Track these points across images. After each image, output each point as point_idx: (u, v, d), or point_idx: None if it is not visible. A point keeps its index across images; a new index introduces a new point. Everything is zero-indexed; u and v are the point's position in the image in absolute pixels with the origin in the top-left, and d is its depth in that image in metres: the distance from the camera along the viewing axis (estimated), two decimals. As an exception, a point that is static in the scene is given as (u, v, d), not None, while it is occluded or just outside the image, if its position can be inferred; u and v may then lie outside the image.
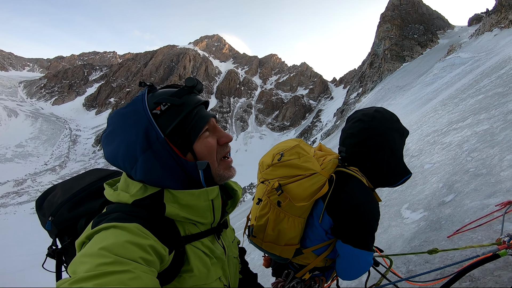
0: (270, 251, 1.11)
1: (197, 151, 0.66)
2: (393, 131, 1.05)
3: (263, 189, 1.08)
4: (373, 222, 1.00)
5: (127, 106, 0.64)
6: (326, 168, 1.02)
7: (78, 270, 0.45)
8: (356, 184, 1.01)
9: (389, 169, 1.07)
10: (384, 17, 47.56)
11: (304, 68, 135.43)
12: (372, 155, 1.05)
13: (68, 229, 0.77)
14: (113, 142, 0.63)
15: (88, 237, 0.54)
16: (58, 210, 0.77)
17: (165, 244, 0.57)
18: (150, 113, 0.61)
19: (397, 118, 1.10)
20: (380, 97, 28.24)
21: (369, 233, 1.00)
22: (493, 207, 1.93)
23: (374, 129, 1.04)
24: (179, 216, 0.62)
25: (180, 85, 0.70)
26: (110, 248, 0.47)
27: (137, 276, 0.45)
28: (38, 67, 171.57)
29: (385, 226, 2.82)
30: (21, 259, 18.15)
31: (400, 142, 1.09)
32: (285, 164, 1.04)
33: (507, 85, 5.59)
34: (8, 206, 45.67)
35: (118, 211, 0.59)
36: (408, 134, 1.13)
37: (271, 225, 1.04)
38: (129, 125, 0.61)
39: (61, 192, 0.82)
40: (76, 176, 0.90)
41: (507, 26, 21.37)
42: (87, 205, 0.77)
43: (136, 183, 0.64)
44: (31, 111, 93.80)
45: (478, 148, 3.26)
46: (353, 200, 0.97)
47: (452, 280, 1.05)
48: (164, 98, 0.63)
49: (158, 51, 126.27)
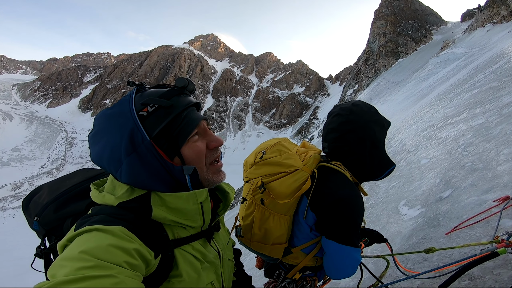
0: (259, 251, 1.10)
1: (185, 155, 0.64)
2: (373, 123, 1.05)
3: (248, 188, 1.09)
4: (356, 217, 0.97)
5: (113, 106, 0.62)
6: (308, 163, 1.01)
7: (57, 274, 0.43)
8: (339, 178, 1.00)
9: (372, 162, 1.06)
10: (378, 14, 47.74)
11: (300, 66, 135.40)
12: (353, 149, 1.04)
13: (55, 229, 0.75)
14: (99, 144, 0.61)
15: (70, 239, 0.52)
16: (44, 211, 0.75)
17: (151, 248, 0.55)
18: (137, 115, 0.59)
19: (375, 110, 1.09)
20: (376, 93, 28.36)
21: (353, 228, 0.97)
22: (490, 203, 1.91)
23: (353, 123, 1.03)
24: (167, 219, 0.61)
25: (171, 85, 0.67)
26: (92, 252, 0.46)
27: (121, 281, 0.44)
28: (31, 69, 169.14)
29: (383, 223, 2.79)
30: (21, 263, 17.97)
31: (381, 133, 1.07)
32: (267, 162, 1.04)
33: (501, 80, 5.60)
34: (6, 209, 45.35)
35: (102, 214, 0.57)
36: (389, 125, 1.11)
37: (257, 224, 1.04)
38: (114, 127, 0.59)
39: (47, 192, 0.80)
40: (64, 176, 0.88)
41: (500, 21, 21.54)
42: (73, 206, 0.75)
43: (123, 185, 0.62)
44: (26, 114, 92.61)
45: (474, 143, 3.25)
46: (336, 194, 0.95)
47: (451, 280, 1.02)
48: (151, 99, 0.61)
49: (153, 52, 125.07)
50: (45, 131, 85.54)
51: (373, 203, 3.57)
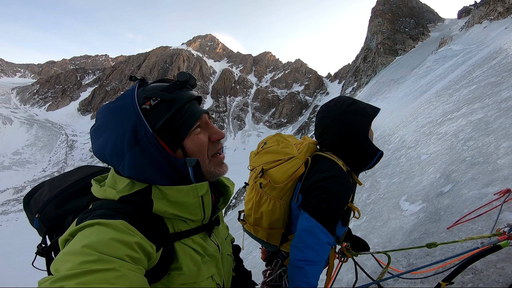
0: (257, 236, 1.17)
1: (188, 147, 0.64)
2: (349, 113, 1.12)
3: (251, 175, 1.20)
4: (334, 196, 1.00)
5: (116, 100, 0.62)
6: (302, 151, 1.11)
7: (60, 268, 0.43)
8: (327, 163, 1.07)
9: (357, 150, 1.12)
10: (375, 12, 47.71)
11: (298, 65, 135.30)
12: (335, 140, 1.13)
13: (56, 226, 0.75)
14: (101, 137, 0.61)
15: (72, 234, 0.52)
16: (45, 208, 0.75)
17: (152, 241, 0.55)
18: (139, 108, 0.60)
19: (353, 101, 1.15)
20: (375, 90, 28.35)
21: (328, 207, 0.99)
22: (491, 196, 1.91)
23: (329, 117, 1.14)
24: (168, 212, 0.61)
25: (173, 80, 0.68)
26: (94, 246, 0.46)
27: (123, 275, 0.44)
28: (29, 72, 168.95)
29: (384, 219, 2.79)
30: (27, 265, 18.05)
31: (362, 122, 1.12)
32: (267, 151, 1.17)
33: (499, 75, 5.60)
34: (9, 213, 45.46)
35: (104, 208, 0.57)
36: (376, 112, 1.16)
37: (255, 208, 1.12)
38: (117, 121, 0.59)
39: (48, 189, 0.80)
40: (65, 173, 0.88)
41: (497, 18, 21.51)
42: (74, 202, 0.75)
43: (124, 179, 0.62)
44: (25, 118, 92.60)
45: (474, 137, 3.25)
46: (320, 175, 1.04)
47: (453, 274, 1.02)
48: (154, 93, 0.61)
49: (151, 53, 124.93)
50: (45, 134, 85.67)
51: (374, 199, 3.57)
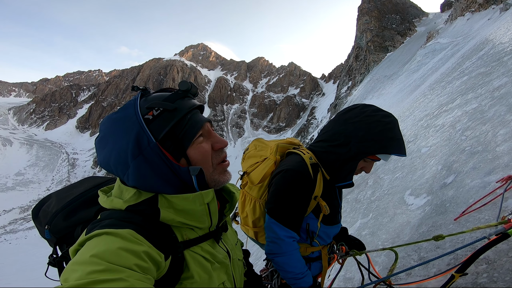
0: (249, 235, 1.23)
1: (191, 156, 0.65)
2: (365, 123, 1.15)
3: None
4: (286, 188, 1.02)
5: (119, 111, 0.62)
6: (273, 152, 1.19)
7: (69, 278, 0.44)
8: (290, 158, 1.12)
9: (335, 159, 1.08)
10: (361, 10, 48.67)
11: (292, 68, 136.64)
12: (327, 134, 1.20)
13: (66, 237, 0.76)
14: (105, 148, 0.62)
15: (81, 244, 0.52)
16: (53, 219, 0.76)
17: (161, 250, 0.55)
18: (142, 118, 0.60)
19: (347, 109, 1.15)
20: (370, 88, 28.64)
21: (282, 200, 1.02)
22: (494, 184, 1.92)
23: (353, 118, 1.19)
24: (175, 221, 0.61)
25: (175, 89, 0.69)
26: (102, 255, 0.46)
27: (131, 284, 0.44)
28: (24, 91, 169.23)
29: (390, 214, 2.79)
30: (38, 282, 17.47)
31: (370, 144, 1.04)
32: (248, 156, 1.30)
33: (488, 65, 5.70)
34: (17, 231, 44.99)
35: (111, 218, 0.57)
36: (393, 149, 1.02)
37: (241, 208, 1.22)
38: (120, 131, 0.60)
39: (55, 201, 0.81)
40: (72, 184, 0.89)
41: (478, 10, 21.97)
42: (82, 213, 0.76)
43: (130, 189, 0.62)
44: (25, 138, 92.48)
45: (471, 127, 3.29)
46: (276, 170, 1.11)
47: (466, 265, 1.02)
48: (156, 103, 0.62)
49: (145, 65, 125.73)
50: (46, 154, 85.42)
51: (379, 196, 3.57)
